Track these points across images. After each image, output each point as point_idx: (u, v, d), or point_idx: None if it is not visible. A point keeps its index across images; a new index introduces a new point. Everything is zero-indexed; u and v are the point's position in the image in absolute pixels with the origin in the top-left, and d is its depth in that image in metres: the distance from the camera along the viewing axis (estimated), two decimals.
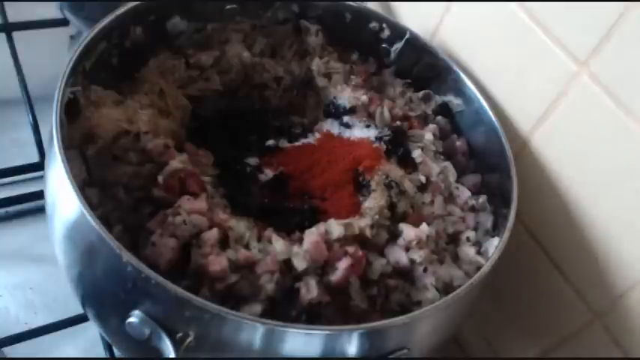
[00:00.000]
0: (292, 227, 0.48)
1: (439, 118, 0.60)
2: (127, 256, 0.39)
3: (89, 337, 0.57)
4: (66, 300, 0.58)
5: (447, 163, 0.57)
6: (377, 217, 0.49)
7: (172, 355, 0.38)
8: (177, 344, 0.39)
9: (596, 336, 0.52)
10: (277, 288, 0.43)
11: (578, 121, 0.50)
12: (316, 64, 0.61)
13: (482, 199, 0.54)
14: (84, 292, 0.46)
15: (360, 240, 0.48)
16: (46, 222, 0.47)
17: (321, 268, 0.45)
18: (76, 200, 0.41)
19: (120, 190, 0.47)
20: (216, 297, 0.42)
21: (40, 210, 0.53)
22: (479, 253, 0.51)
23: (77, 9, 0.59)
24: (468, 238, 0.51)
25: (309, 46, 0.62)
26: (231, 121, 0.58)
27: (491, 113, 0.56)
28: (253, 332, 0.39)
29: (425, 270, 0.48)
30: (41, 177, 0.49)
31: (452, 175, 0.56)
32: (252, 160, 0.53)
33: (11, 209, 0.65)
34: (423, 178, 0.54)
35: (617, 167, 0.48)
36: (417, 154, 0.55)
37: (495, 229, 0.52)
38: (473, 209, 0.54)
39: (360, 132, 0.56)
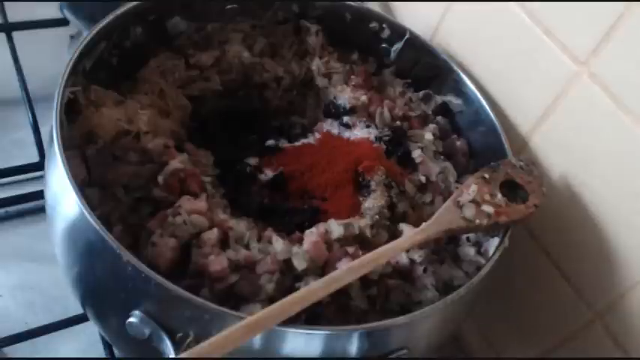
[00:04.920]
0: (292, 227, 0.48)
1: (439, 118, 0.61)
2: (127, 256, 0.39)
3: (89, 337, 0.57)
4: (66, 300, 0.58)
5: (447, 163, 0.57)
6: (377, 217, 0.49)
7: (172, 355, 0.38)
8: (177, 344, 0.39)
9: (596, 336, 0.52)
10: (277, 288, 0.43)
11: (578, 121, 0.50)
12: (316, 64, 0.61)
13: None
14: (84, 292, 0.46)
15: (360, 240, 0.48)
16: (46, 222, 0.47)
17: (321, 268, 0.45)
18: (76, 200, 0.41)
19: (120, 190, 0.47)
20: (216, 297, 0.42)
21: (40, 210, 0.53)
22: (479, 253, 0.51)
23: (77, 9, 0.59)
24: (468, 238, 0.51)
25: (309, 46, 0.62)
26: (231, 121, 0.58)
27: (491, 113, 0.56)
28: None
29: (425, 270, 0.48)
30: (41, 177, 0.49)
31: (452, 175, 0.56)
32: (252, 160, 0.53)
33: (11, 209, 0.65)
34: (423, 178, 0.54)
35: (617, 167, 0.48)
36: (417, 154, 0.55)
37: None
38: None
39: (360, 132, 0.56)
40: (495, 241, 0.50)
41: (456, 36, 0.61)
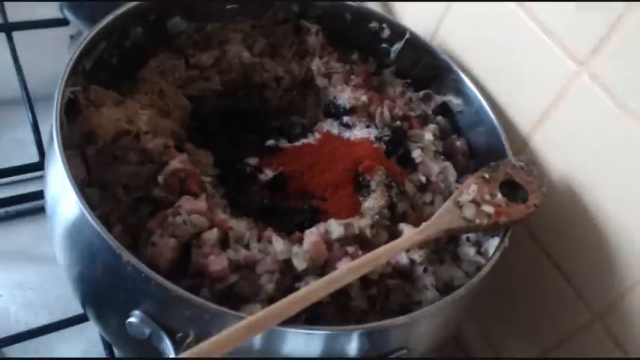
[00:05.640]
0: (292, 227, 0.48)
1: (439, 118, 0.61)
2: (127, 256, 0.39)
3: (89, 337, 0.57)
4: (66, 300, 0.58)
5: (447, 163, 0.57)
6: (377, 217, 0.49)
7: (172, 355, 0.38)
8: (177, 344, 0.39)
9: (596, 336, 0.52)
10: (277, 288, 0.43)
11: (578, 121, 0.50)
12: (316, 64, 0.61)
13: None
14: (84, 292, 0.46)
15: (360, 240, 0.48)
16: (46, 222, 0.47)
17: (321, 268, 0.45)
18: (76, 200, 0.41)
19: (120, 190, 0.47)
20: (216, 297, 0.42)
21: (40, 210, 0.53)
22: (479, 253, 0.51)
23: (77, 9, 0.59)
24: (468, 238, 0.51)
25: (309, 46, 0.62)
26: (231, 121, 0.58)
27: (491, 113, 0.56)
28: None
29: (425, 270, 0.48)
30: (41, 177, 0.49)
31: (452, 175, 0.56)
32: (252, 160, 0.53)
33: (11, 209, 0.65)
34: (423, 178, 0.54)
35: (617, 167, 0.48)
36: (417, 154, 0.55)
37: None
38: None
39: (360, 132, 0.56)
40: (495, 241, 0.50)
41: (456, 36, 0.61)
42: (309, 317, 0.42)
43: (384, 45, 0.64)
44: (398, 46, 0.63)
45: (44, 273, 0.61)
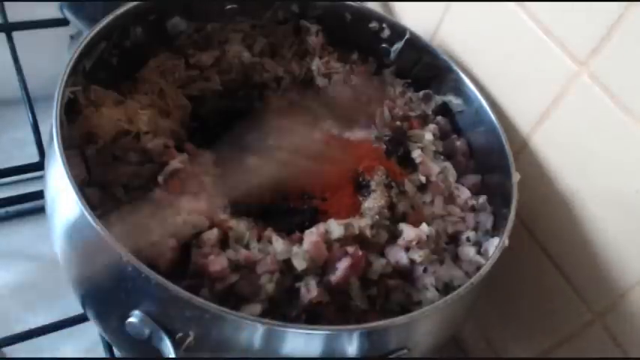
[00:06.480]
0: (292, 227, 0.48)
1: (439, 118, 0.60)
2: (127, 256, 0.39)
3: (89, 337, 0.57)
4: (66, 300, 0.58)
5: (447, 163, 0.57)
6: (377, 217, 0.49)
7: (172, 355, 0.38)
8: (177, 344, 0.39)
9: (596, 336, 0.52)
10: (277, 288, 0.43)
11: (578, 121, 0.50)
12: (316, 64, 0.61)
13: (482, 199, 0.54)
14: (84, 292, 0.46)
15: (360, 240, 0.48)
16: (46, 222, 0.47)
17: (321, 268, 0.45)
18: (76, 200, 0.41)
19: (120, 190, 0.47)
20: (216, 297, 0.42)
21: (40, 210, 0.53)
22: (479, 253, 0.51)
23: (77, 9, 0.59)
24: (468, 238, 0.51)
25: (309, 46, 0.62)
26: (231, 121, 0.58)
27: (491, 113, 0.56)
28: (253, 332, 0.39)
29: (425, 270, 0.48)
30: (41, 177, 0.49)
31: (452, 175, 0.56)
32: None
33: (11, 209, 0.65)
34: (423, 178, 0.54)
35: (617, 167, 0.48)
36: (417, 154, 0.55)
37: (495, 229, 0.52)
38: (473, 209, 0.54)
39: (360, 132, 0.56)
40: (495, 241, 0.50)
41: (456, 36, 0.61)
42: (309, 317, 0.42)
43: (384, 45, 0.63)
44: (398, 46, 0.63)
45: (44, 273, 0.61)
